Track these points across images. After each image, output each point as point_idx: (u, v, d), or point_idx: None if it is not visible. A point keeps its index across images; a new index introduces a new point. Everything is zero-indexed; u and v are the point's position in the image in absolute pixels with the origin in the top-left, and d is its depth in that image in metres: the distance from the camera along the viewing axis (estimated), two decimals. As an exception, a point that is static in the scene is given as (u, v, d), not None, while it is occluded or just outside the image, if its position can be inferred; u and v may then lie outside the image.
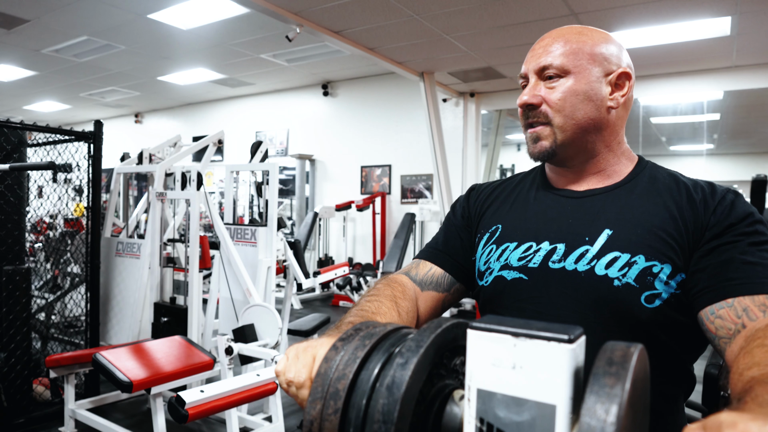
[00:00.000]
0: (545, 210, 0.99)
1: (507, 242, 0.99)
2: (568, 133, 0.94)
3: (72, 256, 4.37)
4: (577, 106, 0.93)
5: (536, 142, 0.97)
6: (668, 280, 0.86)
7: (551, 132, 0.95)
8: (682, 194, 0.92)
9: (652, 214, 0.90)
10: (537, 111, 0.95)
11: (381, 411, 0.44)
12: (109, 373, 2.74)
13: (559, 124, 0.94)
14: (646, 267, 0.86)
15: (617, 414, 0.34)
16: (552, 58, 0.94)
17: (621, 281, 0.87)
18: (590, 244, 0.91)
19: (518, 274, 0.96)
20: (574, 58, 0.94)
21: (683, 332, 0.89)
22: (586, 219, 0.94)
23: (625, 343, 0.40)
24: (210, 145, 4.39)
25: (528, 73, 0.98)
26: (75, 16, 5.41)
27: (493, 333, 0.42)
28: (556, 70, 0.94)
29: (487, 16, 4.75)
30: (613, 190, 0.96)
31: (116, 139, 10.09)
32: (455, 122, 7.48)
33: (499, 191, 1.11)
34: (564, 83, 0.94)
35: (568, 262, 0.91)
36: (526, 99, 0.96)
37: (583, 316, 0.88)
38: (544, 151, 0.96)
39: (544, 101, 0.95)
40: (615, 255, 0.88)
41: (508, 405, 0.41)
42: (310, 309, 6.96)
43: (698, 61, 5.91)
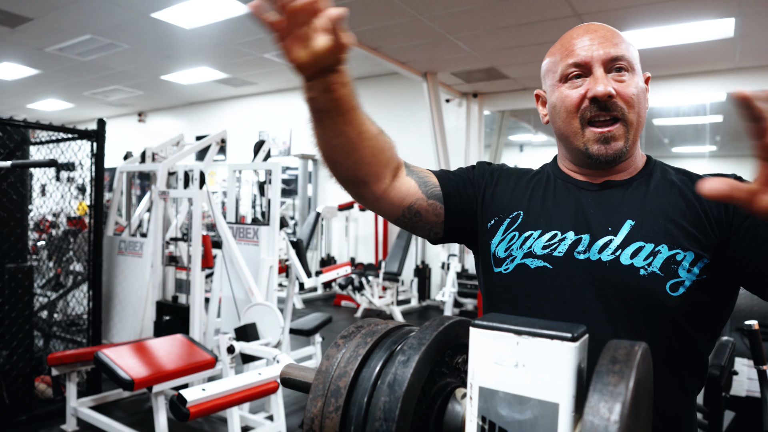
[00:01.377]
0: (567, 200, 0.98)
1: (531, 230, 0.97)
2: (636, 132, 0.93)
3: (74, 255, 4.38)
4: (643, 103, 0.93)
5: (609, 142, 0.92)
6: (690, 267, 0.86)
7: (624, 131, 0.92)
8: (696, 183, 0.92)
9: (671, 204, 0.91)
10: (613, 103, 0.90)
11: (382, 409, 0.44)
12: (110, 371, 2.75)
13: (632, 121, 0.92)
14: (670, 255, 0.87)
15: (621, 413, 0.33)
16: (622, 50, 0.91)
17: (647, 270, 0.87)
18: (613, 234, 0.91)
19: (542, 263, 0.94)
20: (632, 55, 0.93)
21: (704, 320, 0.90)
22: (607, 210, 0.94)
23: (629, 341, 0.39)
24: (213, 144, 4.39)
25: (591, 62, 0.91)
26: (78, 14, 5.41)
27: (496, 331, 0.41)
28: (626, 62, 0.91)
29: (490, 17, 4.74)
30: (632, 182, 0.97)
31: (119, 137, 10.10)
32: (458, 123, 7.47)
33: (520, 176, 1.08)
34: (632, 78, 0.92)
35: (592, 252, 0.91)
36: (606, 89, 0.89)
37: (608, 306, 0.88)
38: (618, 152, 0.92)
39: (618, 94, 0.90)
40: (639, 245, 0.88)
41: (510, 403, 0.40)
42: (312, 308, 6.96)
43: (701, 63, 5.90)
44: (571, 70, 0.93)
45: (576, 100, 0.92)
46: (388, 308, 6.47)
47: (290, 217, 8.88)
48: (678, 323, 0.88)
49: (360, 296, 6.48)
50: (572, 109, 0.93)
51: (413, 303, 7.08)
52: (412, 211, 1.01)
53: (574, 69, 0.93)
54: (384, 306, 6.45)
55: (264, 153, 4.25)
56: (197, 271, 3.70)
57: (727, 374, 1.71)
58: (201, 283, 3.74)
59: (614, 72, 0.91)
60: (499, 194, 1.05)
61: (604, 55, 0.91)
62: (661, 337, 0.87)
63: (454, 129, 7.40)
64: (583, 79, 0.93)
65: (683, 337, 0.89)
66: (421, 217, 1.02)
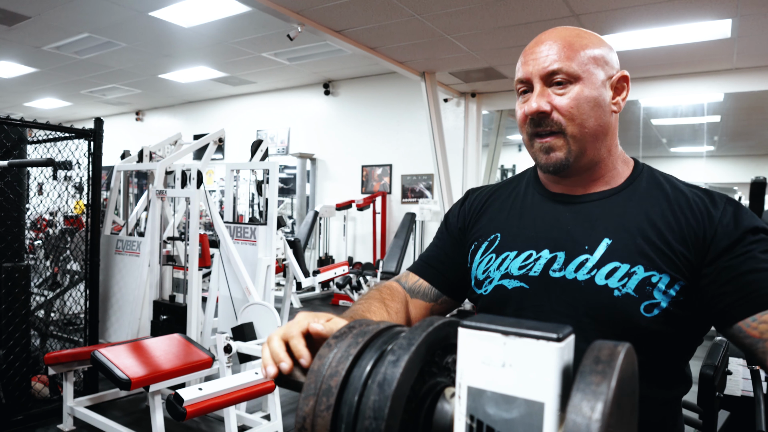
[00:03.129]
0: (543, 216, 0.98)
1: (507, 251, 0.98)
2: (581, 142, 0.91)
3: (72, 254, 4.38)
4: (589, 113, 0.90)
5: (549, 152, 0.92)
6: (666, 290, 0.86)
7: (564, 142, 0.91)
8: (682, 202, 0.91)
9: (650, 223, 0.90)
10: (548, 119, 0.90)
11: (372, 407, 0.44)
12: (107, 370, 2.75)
13: (573, 132, 0.90)
14: (645, 277, 0.86)
15: (602, 411, 0.34)
16: (560, 63, 0.90)
17: (621, 291, 0.87)
18: (590, 253, 0.90)
19: (519, 283, 0.95)
20: (581, 62, 0.90)
21: (679, 337, 0.89)
22: (584, 226, 0.93)
23: (613, 342, 0.40)
24: (210, 143, 4.39)
25: (531, 78, 0.92)
26: (76, 13, 5.41)
27: (484, 331, 0.42)
28: (565, 75, 0.89)
29: (488, 17, 4.75)
30: (611, 197, 0.95)
31: (117, 136, 10.09)
32: (456, 122, 7.48)
33: (495, 196, 1.09)
34: (574, 89, 0.90)
35: (568, 271, 0.91)
36: (537, 106, 0.90)
37: (581, 325, 0.88)
38: (559, 162, 0.92)
39: (555, 109, 0.90)
40: (615, 265, 0.88)
41: (497, 402, 0.41)
42: (310, 308, 6.97)
43: (699, 63, 5.91)
44: (519, 86, 0.95)
45: (521, 117, 0.95)
46: (385, 308, 6.47)
47: (288, 216, 8.89)
48: (653, 342, 0.88)
49: (357, 295, 6.48)
50: (521, 124, 0.95)
51: (411, 302, 7.07)
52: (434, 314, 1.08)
53: (520, 85, 0.95)
54: (381, 305, 6.45)
55: (261, 152, 4.26)
56: (194, 271, 3.71)
57: (721, 374, 1.72)
58: (198, 282, 3.75)
59: (554, 86, 0.90)
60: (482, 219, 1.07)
61: (541, 70, 0.91)
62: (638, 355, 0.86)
63: (452, 128, 7.41)
64: (529, 95, 0.93)
65: (660, 354, 0.89)
66: (443, 311, 1.10)
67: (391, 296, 1.00)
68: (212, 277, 4.02)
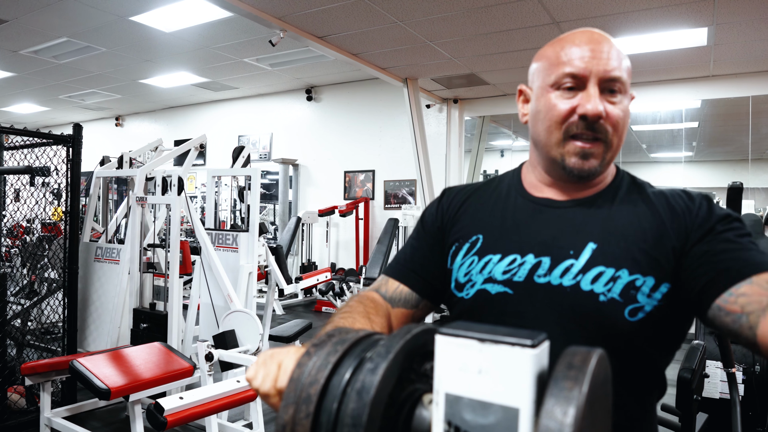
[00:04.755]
0: (527, 221, 0.97)
1: (489, 254, 0.97)
2: (614, 154, 0.92)
3: (49, 262, 4.30)
4: (624, 127, 0.91)
5: (587, 158, 0.90)
6: (651, 293, 0.86)
7: (603, 151, 0.90)
8: (662, 202, 0.92)
9: (635, 226, 0.90)
10: (598, 125, 0.88)
11: (351, 415, 0.45)
12: (86, 380, 2.71)
13: (614, 144, 0.90)
14: (629, 281, 0.86)
15: (575, 416, 0.35)
16: (620, 71, 0.88)
17: (606, 296, 0.87)
18: (575, 257, 0.90)
19: (503, 288, 0.94)
20: (629, 75, 0.90)
21: (663, 341, 0.90)
22: (569, 231, 0.93)
23: (586, 347, 0.41)
24: (192, 149, 4.36)
25: (589, 76, 0.88)
26: (55, 16, 5.35)
27: (460, 338, 0.43)
28: (621, 85, 0.89)
29: (470, 24, 4.79)
30: (595, 201, 0.95)
31: (96, 142, 9.98)
32: (439, 128, 7.52)
33: (475, 197, 1.07)
34: (623, 101, 0.89)
35: (553, 276, 0.90)
36: (601, 109, 0.87)
37: (567, 330, 0.88)
38: (593, 170, 0.91)
39: (607, 117, 0.88)
40: (600, 270, 0.88)
41: (474, 408, 0.41)
42: (293, 315, 6.93)
43: (676, 71, 6.02)
44: (566, 80, 0.89)
45: (564, 113, 0.89)
46: (368, 313, 6.46)
47: (271, 223, 8.85)
48: (636, 346, 0.88)
49: (341, 302, 6.46)
50: (558, 120, 0.90)
51: (394, 308, 7.07)
52: (415, 321, 1.06)
53: (568, 79, 0.89)
54: (365, 311, 6.44)
55: (243, 158, 4.24)
56: (175, 278, 3.67)
57: (699, 377, 1.74)
58: (179, 290, 3.71)
59: (608, 93, 0.88)
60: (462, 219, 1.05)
61: (603, 73, 0.87)
62: (620, 360, 0.86)
63: (435, 134, 7.45)
64: (575, 93, 0.89)
65: (641, 358, 0.90)
66: (424, 316, 1.08)
67: (375, 310, 0.98)
68: (193, 284, 3.98)
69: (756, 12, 4.32)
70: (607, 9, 4.37)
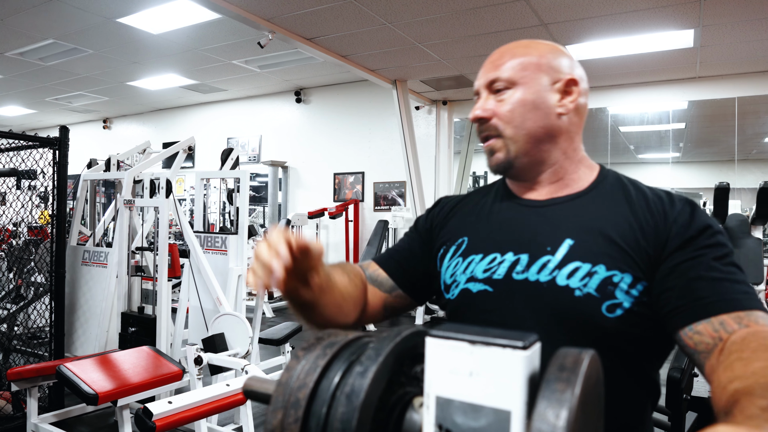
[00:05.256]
0: (509, 220, 0.99)
1: (473, 254, 0.99)
2: (520, 143, 0.95)
3: (36, 265, 4.25)
4: (526, 115, 0.95)
5: (492, 155, 0.99)
6: (629, 290, 0.86)
7: (503, 144, 0.97)
8: (642, 203, 0.92)
9: (613, 224, 0.91)
10: (488, 124, 0.97)
11: (340, 419, 0.44)
12: (73, 385, 2.68)
13: (510, 135, 0.96)
14: (606, 277, 0.86)
15: (567, 418, 0.34)
16: (500, 71, 0.96)
17: (582, 291, 0.87)
18: (552, 254, 0.91)
19: (483, 286, 0.96)
20: (521, 69, 0.95)
21: (646, 341, 0.89)
22: (548, 228, 0.94)
23: (578, 349, 0.40)
24: (180, 151, 4.33)
25: (479, 89, 1.00)
26: (41, 18, 5.30)
27: (451, 340, 0.42)
28: (504, 82, 0.96)
29: (458, 26, 4.80)
30: (575, 200, 0.96)
31: (83, 144, 9.89)
32: (428, 130, 7.52)
33: (465, 203, 1.11)
34: (512, 95, 0.95)
35: (530, 273, 0.91)
36: (477, 113, 0.98)
37: (545, 327, 0.87)
38: (500, 163, 0.98)
39: (495, 114, 0.96)
40: (576, 265, 0.88)
41: (465, 411, 0.41)
42: (283, 317, 6.91)
43: (663, 72, 6.07)
44: (475, 97, 1.02)
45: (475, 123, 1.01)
46: (359, 316, 6.44)
47: (260, 225, 8.81)
48: (616, 344, 0.88)
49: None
50: (477, 129, 1.02)
51: (385, 310, 7.06)
52: (388, 309, 1.11)
53: (475, 96, 1.02)
54: (355, 313, 6.42)
55: (232, 161, 4.21)
56: (164, 281, 3.64)
57: (688, 377, 1.75)
58: (168, 293, 3.68)
59: (495, 93, 0.97)
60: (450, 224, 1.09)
61: (485, 80, 0.98)
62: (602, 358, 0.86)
63: (424, 136, 7.46)
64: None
65: (624, 357, 0.89)
66: (396, 306, 1.11)
67: (356, 274, 1.06)
68: (182, 287, 3.95)
69: (741, 14, 4.36)
70: (594, 11, 4.40)
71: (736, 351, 0.70)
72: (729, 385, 0.62)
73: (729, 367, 0.67)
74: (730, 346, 0.73)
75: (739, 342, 0.72)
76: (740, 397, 0.56)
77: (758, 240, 4.10)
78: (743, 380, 0.61)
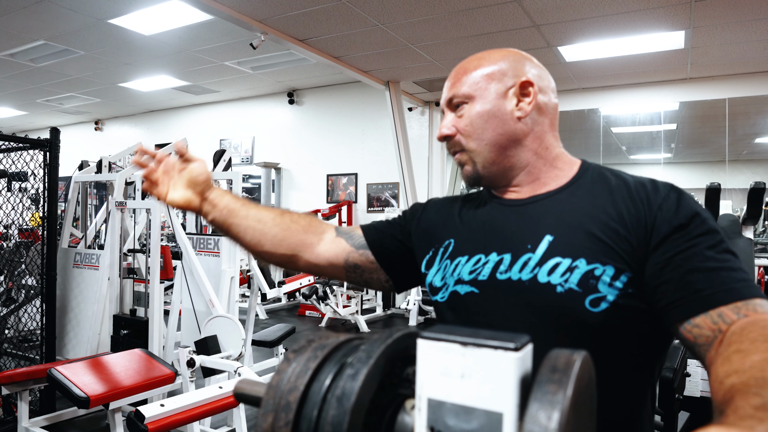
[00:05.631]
0: (492, 220, 1.00)
1: (459, 256, 0.99)
2: (484, 154, 0.97)
3: (27, 268, 4.22)
4: (484, 126, 0.97)
5: (462, 167, 1.01)
6: (612, 282, 0.84)
7: (469, 157, 0.99)
8: (623, 192, 0.91)
9: (592, 216, 0.89)
10: (453, 141, 1.00)
11: (331, 422, 0.44)
12: (64, 388, 2.66)
13: (473, 148, 0.98)
14: (587, 270, 0.85)
15: (559, 420, 0.34)
16: (455, 88, 0.99)
17: (564, 287, 0.86)
18: (532, 251, 0.91)
19: (470, 288, 0.96)
20: (473, 82, 0.98)
21: (634, 335, 0.87)
22: (528, 226, 0.94)
23: (569, 350, 0.40)
24: (172, 153, 4.31)
25: (443, 107, 1.03)
26: (31, 19, 5.26)
27: (442, 342, 0.42)
28: (460, 98, 0.98)
29: (451, 27, 4.81)
30: (553, 196, 0.96)
31: (75, 146, 9.83)
32: (421, 131, 7.53)
33: (451, 205, 1.11)
34: (469, 109, 0.98)
35: (513, 272, 0.91)
36: (443, 132, 1.01)
37: (531, 325, 0.87)
38: (470, 176, 1.01)
39: (457, 131, 0.99)
40: (557, 261, 0.88)
41: (457, 414, 0.41)
42: (276, 319, 6.89)
43: (655, 73, 6.10)
44: (441, 115, 1.06)
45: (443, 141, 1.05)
46: (353, 317, 6.45)
47: (253, 227, 8.77)
48: (603, 340, 0.86)
49: (324, 306, 6.44)
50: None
51: (378, 312, 7.07)
52: (350, 264, 1.13)
53: (442, 114, 1.05)
54: (349, 315, 6.43)
55: (224, 162, 4.20)
56: (156, 284, 3.62)
57: (680, 376, 1.76)
58: (160, 295, 3.66)
59: (455, 110, 1.00)
60: (430, 226, 1.09)
61: (445, 100, 1.02)
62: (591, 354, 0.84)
63: (417, 137, 7.46)
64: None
65: (612, 354, 0.87)
66: (361, 268, 1.13)
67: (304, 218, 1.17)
68: (175, 289, 3.93)
69: (732, 16, 4.39)
70: (586, 12, 4.41)
71: (735, 342, 0.69)
72: (726, 379, 0.60)
73: (727, 360, 0.65)
74: (730, 337, 0.72)
75: (738, 332, 0.71)
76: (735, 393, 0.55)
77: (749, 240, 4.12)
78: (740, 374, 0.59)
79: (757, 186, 4.20)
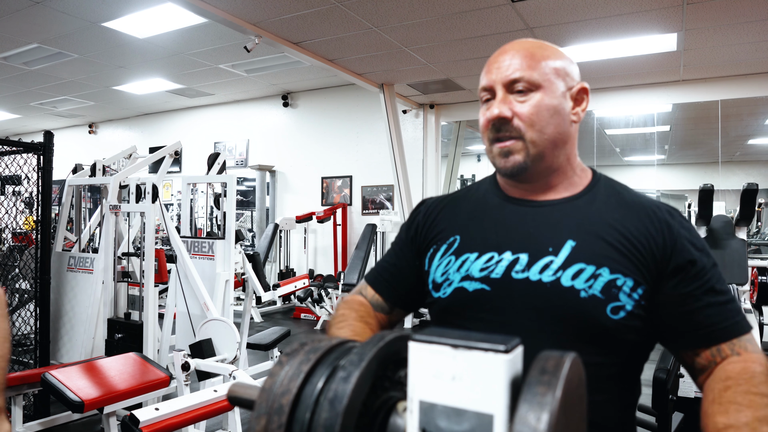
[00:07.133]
0: (504, 219, 0.99)
1: (467, 253, 0.98)
2: (540, 147, 0.93)
3: (21, 272, 4.20)
4: (548, 120, 0.93)
5: (508, 156, 0.95)
6: (631, 293, 0.88)
7: (523, 146, 0.94)
8: (640, 210, 0.95)
9: (612, 227, 0.92)
10: (509, 125, 0.93)
11: (323, 425, 0.44)
12: (59, 393, 2.64)
13: (532, 138, 0.93)
14: (611, 279, 0.88)
15: (548, 421, 0.34)
16: (522, 71, 0.93)
17: (587, 293, 0.88)
18: (554, 254, 0.91)
19: (481, 285, 0.94)
20: (542, 72, 0.93)
21: (642, 342, 0.92)
22: (547, 229, 0.94)
23: (559, 352, 0.41)
24: (167, 156, 4.30)
25: (494, 85, 0.95)
26: (25, 22, 5.25)
27: (434, 345, 0.42)
28: (526, 83, 0.93)
29: (445, 30, 4.82)
30: (572, 201, 0.97)
31: (69, 150, 9.80)
32: (415, 133, 7.54)
33: (450, 202, 1.09)
34: (535, 97, 0.93)
35: (532, 273, 0.91)
36: (498, 112, 0.93)
37: (547, 327, 0.89)
38: (518, 166, 0.94)
39: (516, 115, 0.93)
40: (581, 267, 0.89)
41: (448, 416, 0.41)
42: (271, 322, 6.88)
43: (648, 75, 6.13)
44: (483, 94, 0.98)
45: (484, 123, 0.97)
46: (348, 320, 6.43)
47: (248, 230, 8.77)
48: (617, 345, 0.90)
49: (319, 309, 6.43)
50: (483, 130, 0.98)
51: (374, 314, 7.05)
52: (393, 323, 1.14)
53: (485, 93, 0.97)
54: (344, 317, 6.40)
55: (219, 165, 4.19)
56: (150, 287, 3.61)
57: (674, 377, 1.76)
58: (154, 299, 3.65)
59: (516, 93, 0.93)
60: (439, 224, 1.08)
61: (504, 78, 0.94)
62: (601, 357, 0.89)
63: (411, 140, 7.47)
64: (492, 102, 0.96)
65: (622, 357, 0.92)
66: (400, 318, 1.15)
67: (367, 313, 1.07)
68: (169, 293, 3.92)
69: (724, 18, 4.42)
70: (579, 15, 4.43)
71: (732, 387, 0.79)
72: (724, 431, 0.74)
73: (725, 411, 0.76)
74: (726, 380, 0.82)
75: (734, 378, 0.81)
76: None
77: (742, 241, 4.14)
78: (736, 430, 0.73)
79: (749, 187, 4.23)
